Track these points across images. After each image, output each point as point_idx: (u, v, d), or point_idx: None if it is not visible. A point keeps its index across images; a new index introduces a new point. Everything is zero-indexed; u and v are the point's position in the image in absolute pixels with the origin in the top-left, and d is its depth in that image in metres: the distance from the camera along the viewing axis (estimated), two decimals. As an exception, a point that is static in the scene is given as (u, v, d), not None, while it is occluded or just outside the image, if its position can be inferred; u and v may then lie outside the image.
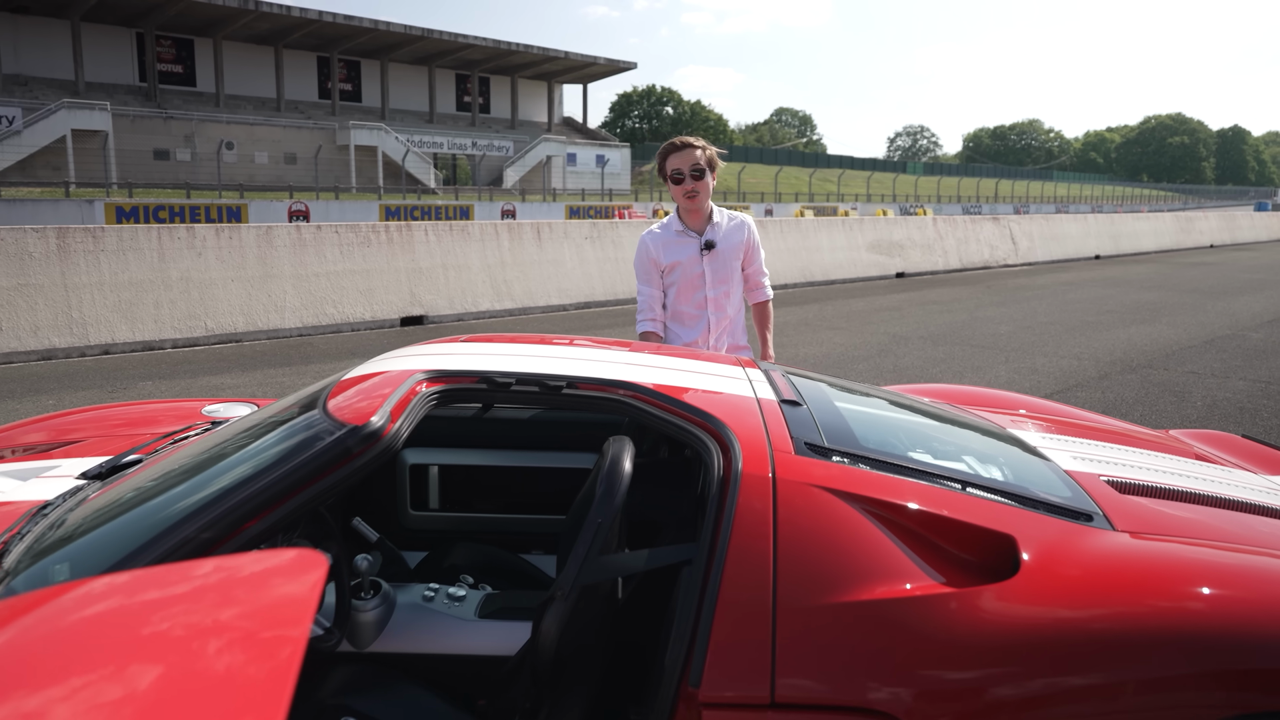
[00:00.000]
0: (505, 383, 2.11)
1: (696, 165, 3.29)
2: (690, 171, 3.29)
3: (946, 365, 8.29)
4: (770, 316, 3.60)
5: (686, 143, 3.32)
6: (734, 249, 3.42)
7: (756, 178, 63.61)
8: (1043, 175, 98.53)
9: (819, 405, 2.21)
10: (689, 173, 3.29)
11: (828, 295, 14.53)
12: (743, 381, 2.27)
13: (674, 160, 3.31)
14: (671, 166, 3.32)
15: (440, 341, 2.58)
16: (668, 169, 3.33)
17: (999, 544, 1.70)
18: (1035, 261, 21.60)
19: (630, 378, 2.13)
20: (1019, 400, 3.34)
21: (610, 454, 1.87)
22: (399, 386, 2.01)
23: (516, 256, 11.76)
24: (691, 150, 3.31)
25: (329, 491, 1.78)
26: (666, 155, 3.33)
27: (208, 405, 3.11)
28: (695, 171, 3.29)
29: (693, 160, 3.29)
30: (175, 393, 6.92)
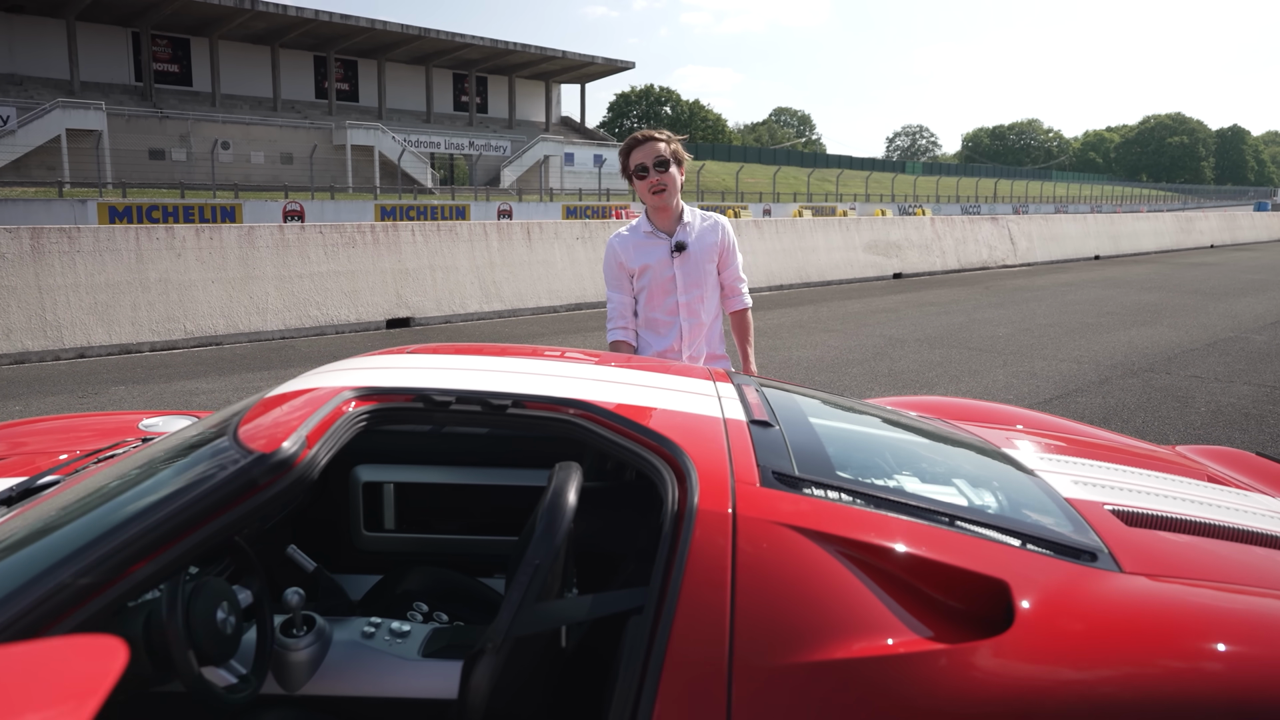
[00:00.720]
0: (444, 401, 1.90)
1: (660, 157, 3.08)
2: (654, 164, 3.08)
3: (943, 369, 8.07)
4: (750, 326, 3.38)
5: (649, 136, 3.10)
6: (707, 250, 3.20)
7: (755, 178, 63.39)
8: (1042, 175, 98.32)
9: (793, 426, 1.99)
10: (653, 166, 3.08)
11: (824, 296, 14.32)
12: (710, 399, 2.06)
13: (637, 155, 3.10)
14: (634, 161, 3.11)
15: (384, 353, 2.36)
16: (631, 165, 3.12)
17: (991, 591, 1.49)
18: (1034, 262, 21.39)
19: (584, 395, 1.92)
20: (1014, 414, 3.12)
21: (553, 485, 1.66)
22: (322, 406, 1.80)
23: (506, 257, 11.55)
24: (654, 143, 3.09)
25: (232, 528, 1.57)
26: (629, 151, 3.13)
27: (145, 419, 2.90)
28: (659, 164, 3.08)
29: (655, 153, 3.08)
30: (148, 398, 6.71)
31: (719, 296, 3.30)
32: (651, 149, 3.09)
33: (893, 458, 2.03)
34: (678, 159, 3.12)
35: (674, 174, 3.11)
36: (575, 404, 1.88)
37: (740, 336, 3.38)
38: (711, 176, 60.53)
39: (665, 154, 3.08)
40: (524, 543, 1.85)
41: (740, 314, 3.36)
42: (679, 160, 3.13)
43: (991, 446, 2.32)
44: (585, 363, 2.31)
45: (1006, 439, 2.50)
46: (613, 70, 59.82)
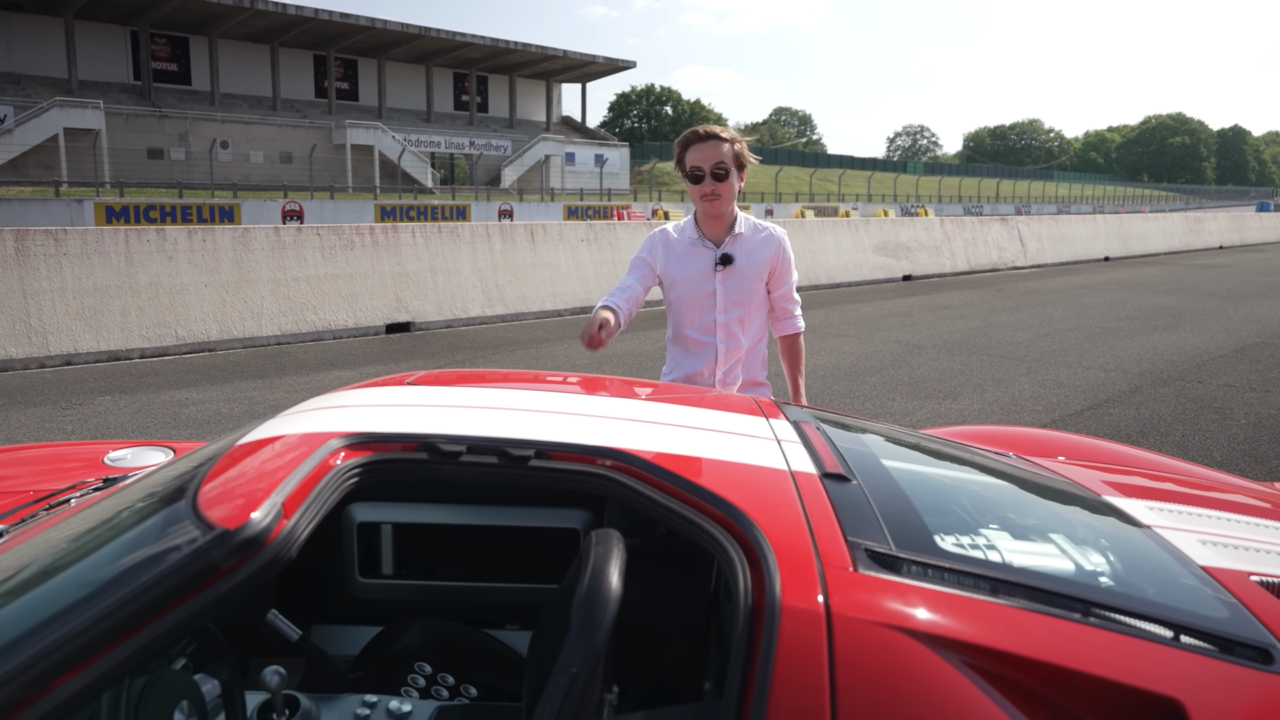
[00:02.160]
0: (453, 451, 1.56)
1: (720, 164, 2.67)
2: (712, 170, 2.67)
3: (965, 377, 7.74)
4: (801, 353, 3.01)
5: (710, 133, 2.68)
6: (757, 267, 2.82)
7: (756, 177, 63.04)
8: (1043, 175, 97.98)
9: (871, 477, 1.66)
10: (710, 171, 2.67)
11: (834, 299, 13.99)
12: (769, 443, 1.72)
13: (694, 154, 2.69)
14: (691, 161, 2.70)
15: (378, 385, 2.02)
16: (686, 164, 2.72)
17: (1161, 712, 1.16)
18: (1044, 263, 21.05)
19: (621, 442, 1.59)
20: (1081, 444, 2.77)
21: (591, 564, 1.33)
22: (303, 462, 1.46)
23: (509, 259, 11.21)
24: (716, 143, 2.68)
25: (186, 625, 1.24)
26: (686, 147, 2.71)
27: (111, 452, 2.57)
28: (718, 171, 2.67)
29: (716, 156, 2.67)
30: (135, 409, 6.37)
31: (765, 318, 2.94)
32: (712, 151, 2.68)
33: (987, 515, 1.70)
34: (740, 163, 2.73)
35: (732, 183, 2.72)
36: (610, 454, 1.55)
37: (790, 365, 3.01)
38: (713, 176, 60.05)
39: (727, 159, 2.68)
40: (550, 631, 1.52)
41: (791, 339, 2.99)
42: (741, 164, 2.74)
43: (1090, 494, 1.99)
44: (618, 397, 1.98)
45: (1097, 480, 2.16)
46: (614, 70, 59.48)
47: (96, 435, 5.69)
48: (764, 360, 2.96)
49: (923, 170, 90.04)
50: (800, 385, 3.00)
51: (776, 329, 2.98)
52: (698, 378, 2.84)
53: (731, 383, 2.85)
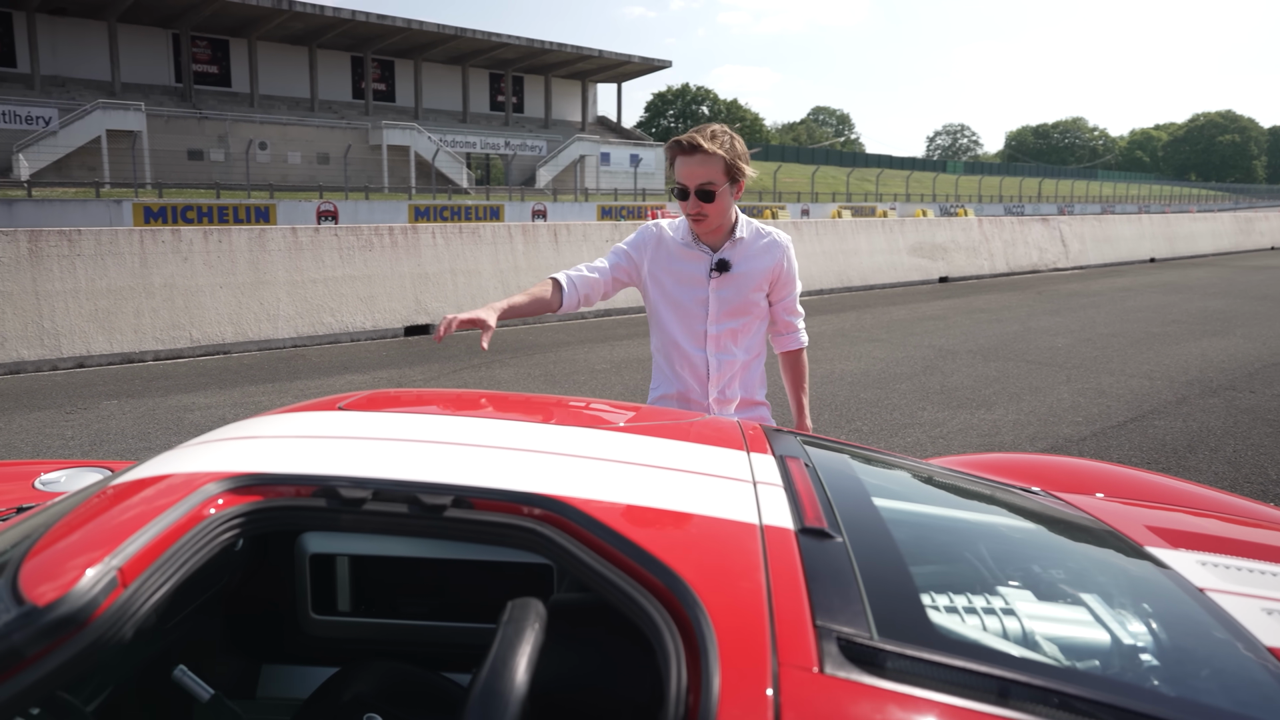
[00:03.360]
0: (355, 498, 1.31)
1: (707, 184, 2.32)
2: (697, 190, 2.34)
3: (1000, 385, 7.37)
4: (805, 371, 2.70)
5: (695, 144, 2.30)
6: (755, 276, 2.51)
7: (793, 177, 62.46)
8: (1087, 174, 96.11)
9: (862, 531, 1.37)
10: (694, 192, 2.34)
11: (866, 302, 13.60)
12: (743, 486, 1.44)
13: (680, 168, 2.35)
14: (677, 176, 2.37)
15: (303, 410, 1.77)
16: (675, 176, 2.39)
17: None
18: (1087, 265, 20.45)
19: (558, 486, 1.33)
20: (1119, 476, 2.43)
21: (493, 652, 1.07)
22: (165, 512, 1.22)
23: (531, 261, 10.98)
24: (703, 158, 2.31)
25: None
26: (674, 156, 2.37)
27: (44, 474, 2.35)
28: (703, 193, 2.34)
29: (702, 175, 2.32)
30: (139, 414, 6.22)
31: (764, 332, 2.64)
32: (698, 167, 2.32)
33: (1003, 577, 1.40)
34: (732, 175, 2.35)
35: (721, 202, 2.36)
36: (540, 501, 1.29)
37: (792, 383, 2.71)
38: (749, 176, 59.57)
39: (715, 177, 2.32)
40: None
41: (793, 356, 2.68)
42: (734, 176, 2.36)
43: (1131, 545, 1.68)
44: (575, 425, 1.71)
45: (1140, 527, 1.85)
46: (650, 69, 59.18)
47: (96, 440, 5.54)
48: (763, 378, 2.67)
49: (962, 170, 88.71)
50: (804, 405, 2.70)
51: (777, 344, 2.68)
52: (689, 396, 2.55)
53: (728, 402, 2.56)
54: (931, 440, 5.67)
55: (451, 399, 1.95)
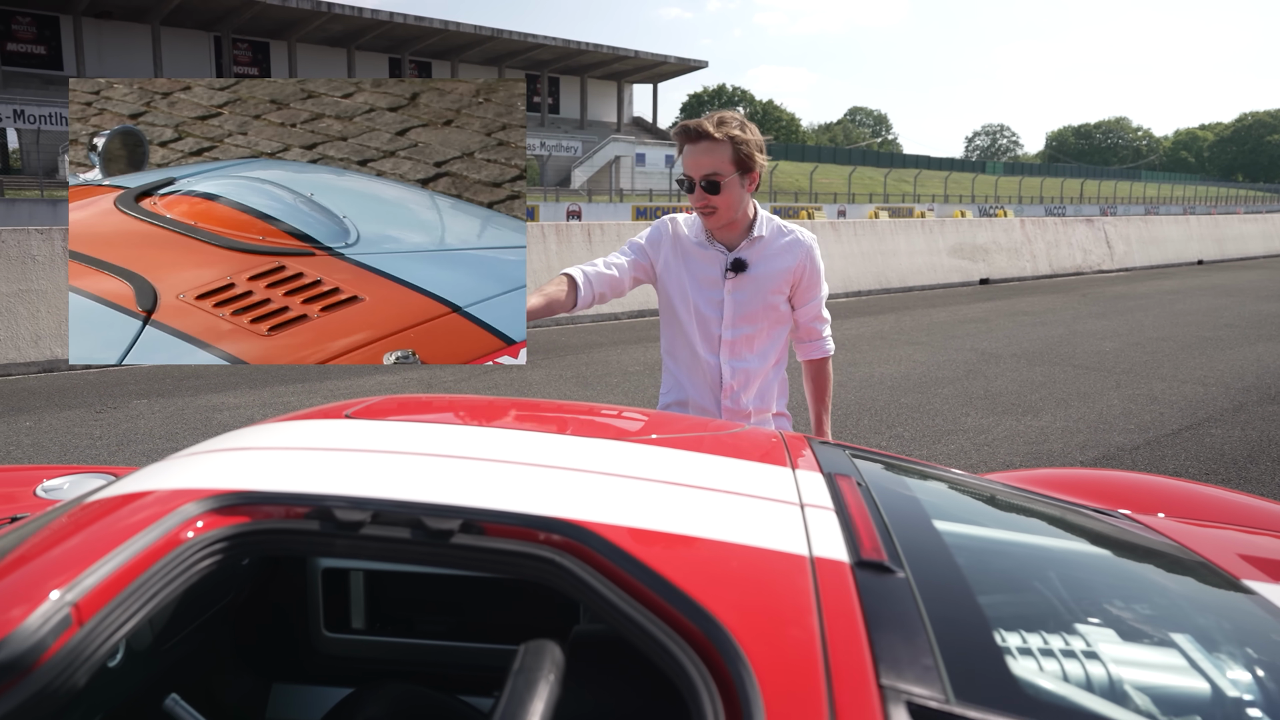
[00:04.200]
0: (352, 521, 1.16)
1: (712, 175, 2.15)
2: (702, 181, 2.16)
3: (1047, 390, 7.11)
4: (829, 382, 2.49)
5: (701, 131, 2.14)
6: (775, 278, 2.31)
7: (829, 178, 61.99)
8: (1130, 175, 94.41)
9: (926, 563, 1.20)
10: (699, 182, 2.16)
11: (906, 304, 13.33)
12: (789, 510, 1.28)
13: (686, 157, 2.18)
14: (684, 166, 2.20)
15: (308, 417, 1.63)
16: (682, 167, 2.22)
17: None
18: (1133, 267, 19.96)
19: (579, 508, 1.17)
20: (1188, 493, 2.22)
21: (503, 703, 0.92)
22: (137, 535, 1.08)
23: (565, 260, 10.85)
24: (709, 145, 2.14)
25: None
26: (681, 145, 2.20)
27: (47, 480, 2.24)
28: (709, 183, 2.16)
29: (708, 164, 2.14)
30: (168, 414, 6.17)
31: (786, 338, 2.44)
32: (704, 156, 2.15)
33: (1091, 619, 1.23)
34: (743, 164, 2.17)
35: (730, 194, 2.18)
36: (559, 527, 1.13)
37: (814, 394, 2.50)
38: (785, 177, 59.30)
39: (722, 166, 2.15)
40: None
41: (818, 365, 2.47)
42: (746, 166, 2.18)
43: (1227, 576, 1.49)
44: (597, 436, 1.55)
45: (1230, 553, 1.66)
46: (685, 70, 59.00)
47: (124, 441, 5.48)
48: (784, 387, 2.48)
49: (1002, 170, 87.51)
50: (825, 421, 2.50)
51: (800, 352, 2.48)
52: (700, 404, 2.38)
53: (741, 414, 2.37)
54: (976, 448, 5.46)
55: (469, 407, 1.80)
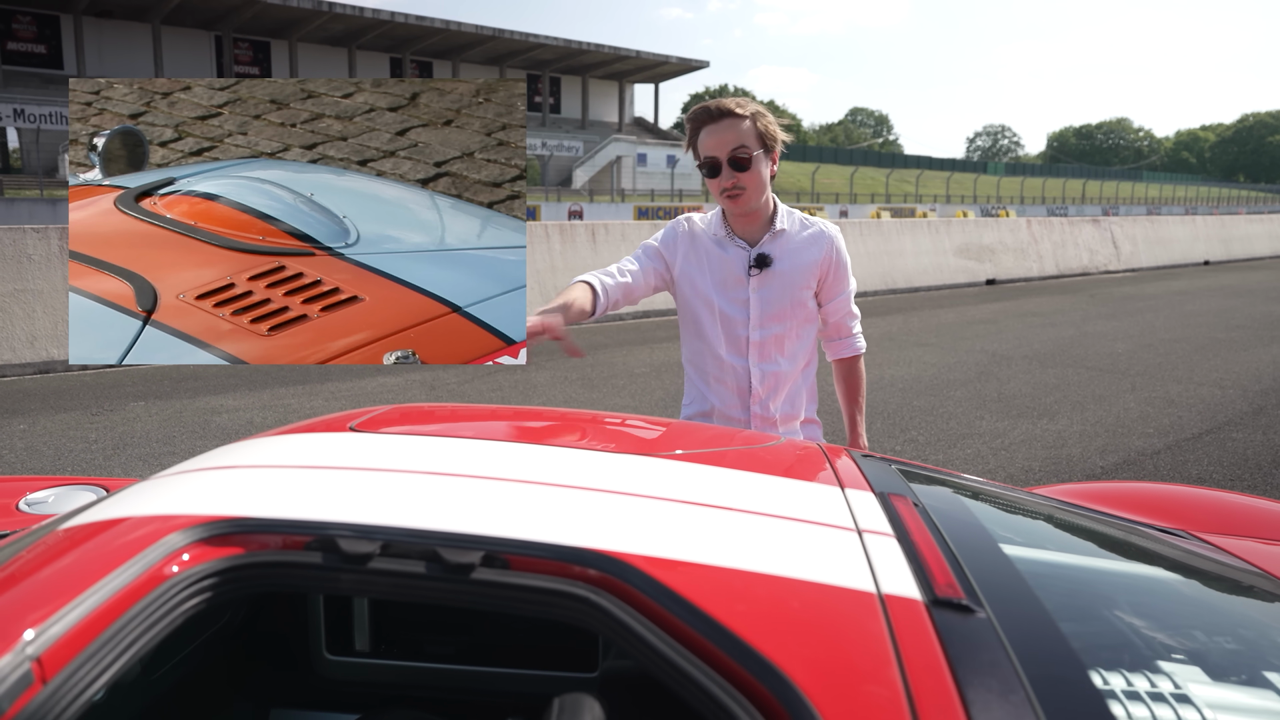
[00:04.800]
0: (360, 554, 1.03)
1: (740, 149, 2.03)
2: (730, 160, 2.04)
3: (1061, 393, 6.98)
4: (861, 382, 2.36)
5: (723, 109, 2.04)
6: (802, 272, 2.18)
7: (831, 178, 61.88)
8: (1132, 176, 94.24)
9: (1007, 601, 1.07)
10: (727, 160, 2.05)
11: (912, 304, 13.20)
12: (847, 536, 1.14)
13: (707, 139, 2.07)
14: (704, 149, 2.08)
15: (308, 430, 1.50)
16: (700, 152, 2.10)
17: None
18: (1139, 267, 19.82)
19: (616, 538, 1.04)
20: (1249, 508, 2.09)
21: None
22: (116, 571, 0.94)
23: (569, 260, 10.73)
24: (733, 121, 2.04)
25: None
26: (699, 128, 2.08)
27: (31, 494, 2.10)
28: (737, 160, 2.04)
29: (734, 139, 2.03)
30: (165, 416, 6.04)
31: (814, 338, 2.30)
32: (729, 133, 2.04)
33: (1185, 655, 1.09)
34: (767, 143, 2.08)
35: (758, 172, 2.07)
36: (597, 560, 1.00)
37: (847, 395, 2.37)
38: (786, 177, 59.19)
39: (748, 143, 2.04)
40: None
41: (849, 364, 2.34)
42: (769, 144, 2.09)
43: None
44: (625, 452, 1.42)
45: None
46: (686, 70, 58.88)
47: (120, 444, 5.35)
48: (814, 391, 2.34)
49: (1004, 171, 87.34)
50: (860, 424, 2.37)
51: (830, 351, 2.35)
52: (727, 413, 2.23)
53: (771, 421, 2.23)
54: (993, 452, 5.32)
55: (483, 418, 1.67)
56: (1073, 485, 2.14)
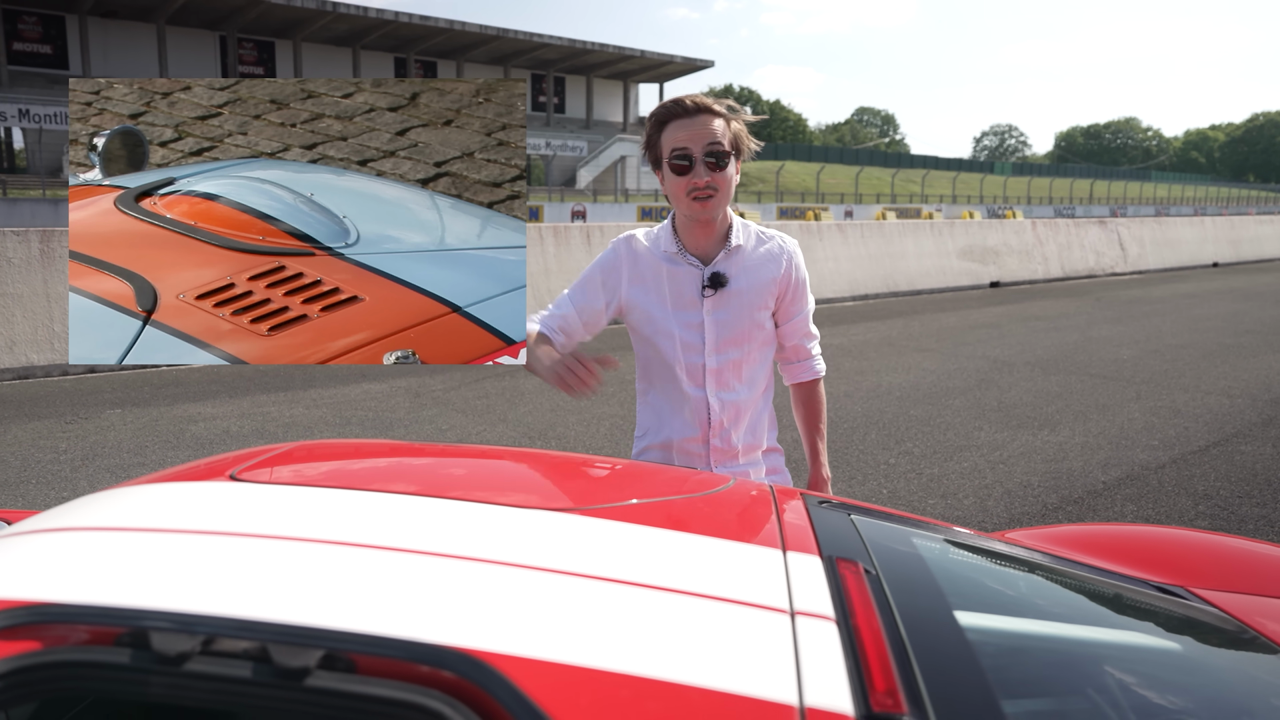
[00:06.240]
0: (174, 653, 0.85)
1: (714, 144, 1.85)
2: (705, 155, 1.85)
3: (1063, 401, 6.78)
4: (822, 407, 2.17)
5: (700, 105, 1.86)
6: (758, 291, 1.99)
7: (836, 178, 61.62)
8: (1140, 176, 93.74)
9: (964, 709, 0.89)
10: (701, 156, 1.85)
11: (914, 308, 12.99)
12: (776, 621, 0.96)
13: (677, 132, 1.86)
14: (672, 144, 1.86)
15: (177, 479, 1.31)
16: (664, 146, 1.89)
17: None
18: (1146, 270, 19.57)
19: (482, 634, 0.86)
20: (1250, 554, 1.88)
21: None
22: None
23: (563, 264, 10.55)
24: (708, 118, 1.85)
25: None
26: (664, 123, 1.88)
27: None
28: (712, 155, 1.85)
29: (709, 136, 1.84)
30: (140, 425, 5.88)
31: (771, 361, 2.12)
32: (704, 129, 1.84)
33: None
34: (738, 148, 1.91)
35: (730, 175, 1.89)
36: (456, 661, 0.82)
37: (806, 422, 2.17)
38: (791, 177, 58.94)
39: (722, 139, 1.86)
40: None
41: (808, 388, 2.15)
42: (739, 150, 1.91)
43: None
44: (538, 504, 1.24)
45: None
46: (692, 69, 58.69)
47: (90, 454, 5.19)
48: (773, 418, 2.16)
49: (1011, 171, 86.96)
50: (821, 451, 2.17)
51: (788, 374, 2.16)
52: (685, 446, 2.05)
53: (731, 453, 2.05)
54: (991, 465, 5.13)
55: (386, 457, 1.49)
56: (1062, 529, 1.94)
